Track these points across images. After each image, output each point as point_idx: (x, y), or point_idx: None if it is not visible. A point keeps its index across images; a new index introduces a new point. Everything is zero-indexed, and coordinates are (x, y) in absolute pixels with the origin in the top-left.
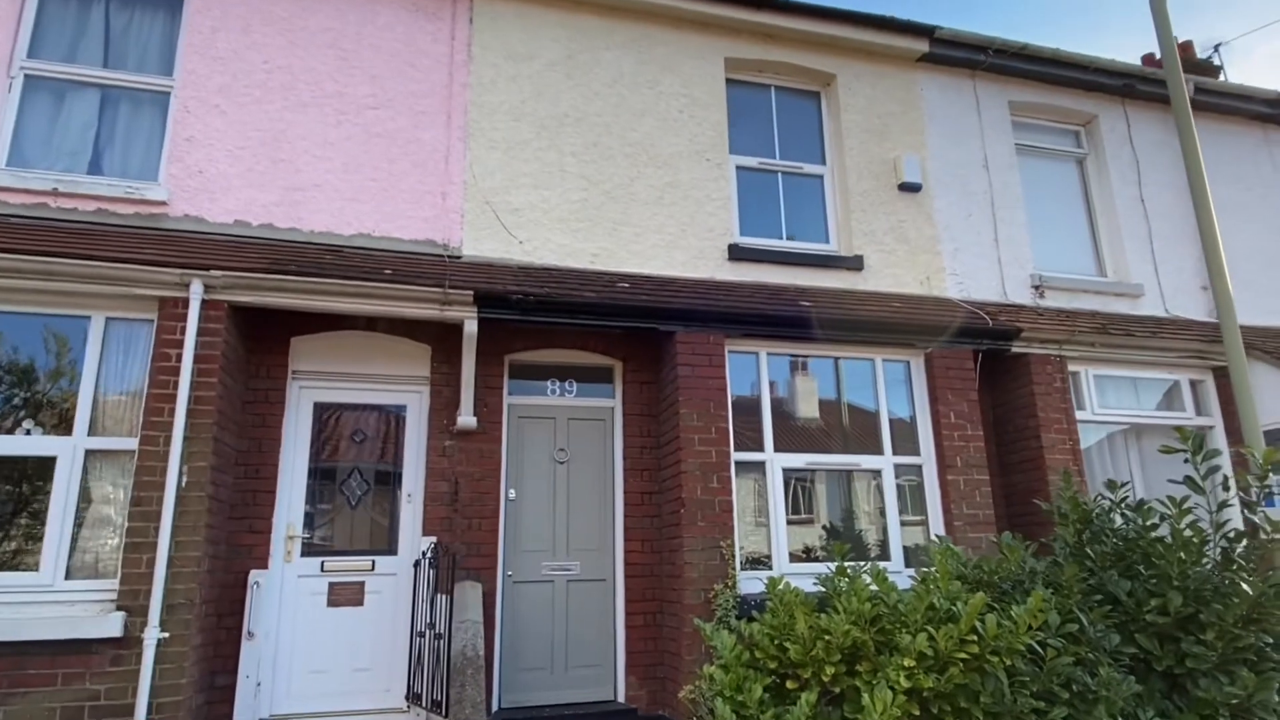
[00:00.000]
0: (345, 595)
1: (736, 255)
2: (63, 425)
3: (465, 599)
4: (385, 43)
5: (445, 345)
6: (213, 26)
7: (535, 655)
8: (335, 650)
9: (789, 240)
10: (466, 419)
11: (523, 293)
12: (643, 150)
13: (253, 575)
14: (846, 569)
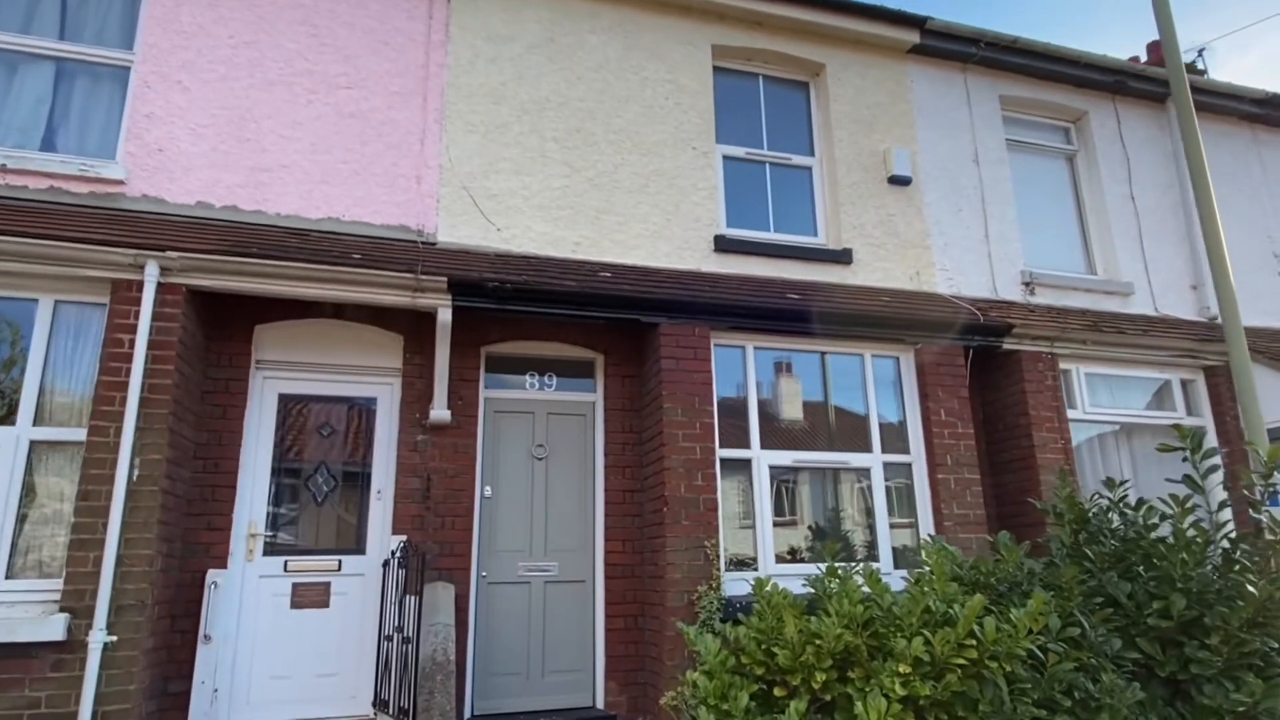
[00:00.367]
0: (310, 597)
1: (723, 247)
2: (6, 414)
3: (436, 601)
4: (359, 20)
5: (418, 335)
6: None
7: (510, 660)
8: (299, 655)
9: (777, 233)
10: (440, 412)
11: (500, 280)
12: (627, 137)
13: (210, 575)
14: (837, 569)
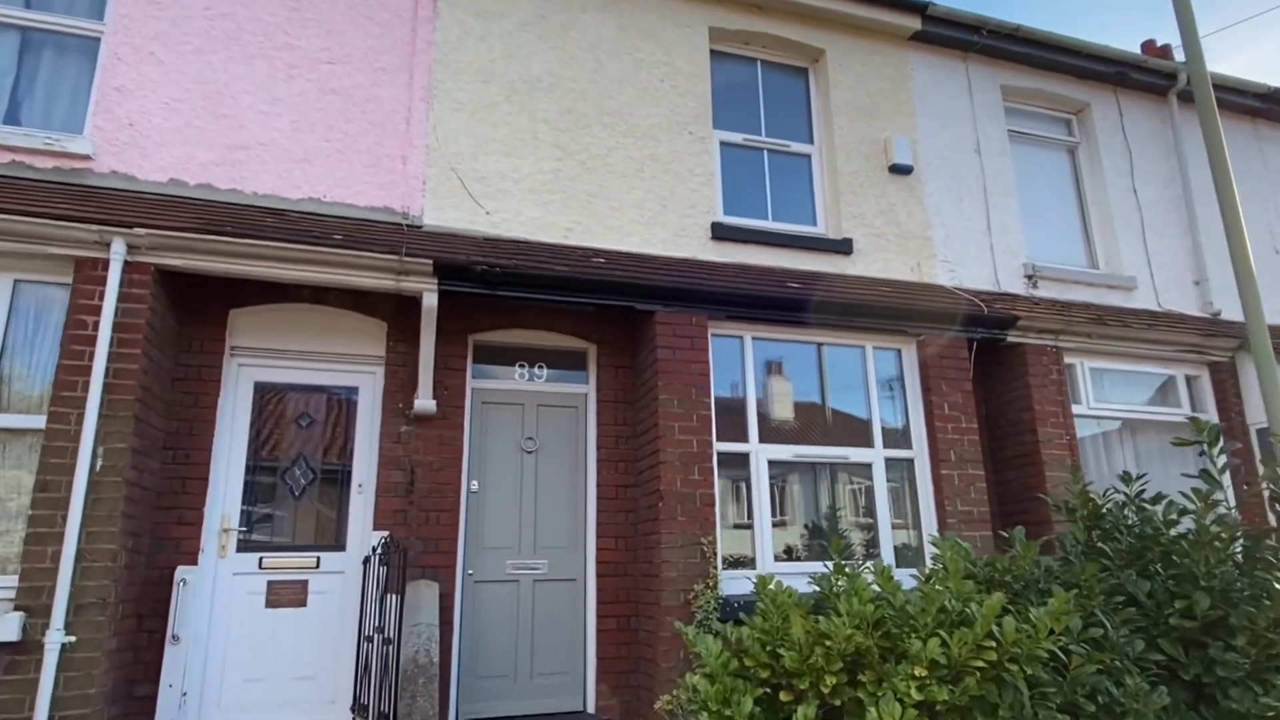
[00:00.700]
0: (286, 595)
1: (720, 234)
2: None
3: (419, 600)
4: None
5: (403, 322)
6: None
7: (497, 662)
8: (274, 656)
9: (775, 221)
10: (425, 402)
11: (488, 264)
12: (621, 120)
13: (180, 572)
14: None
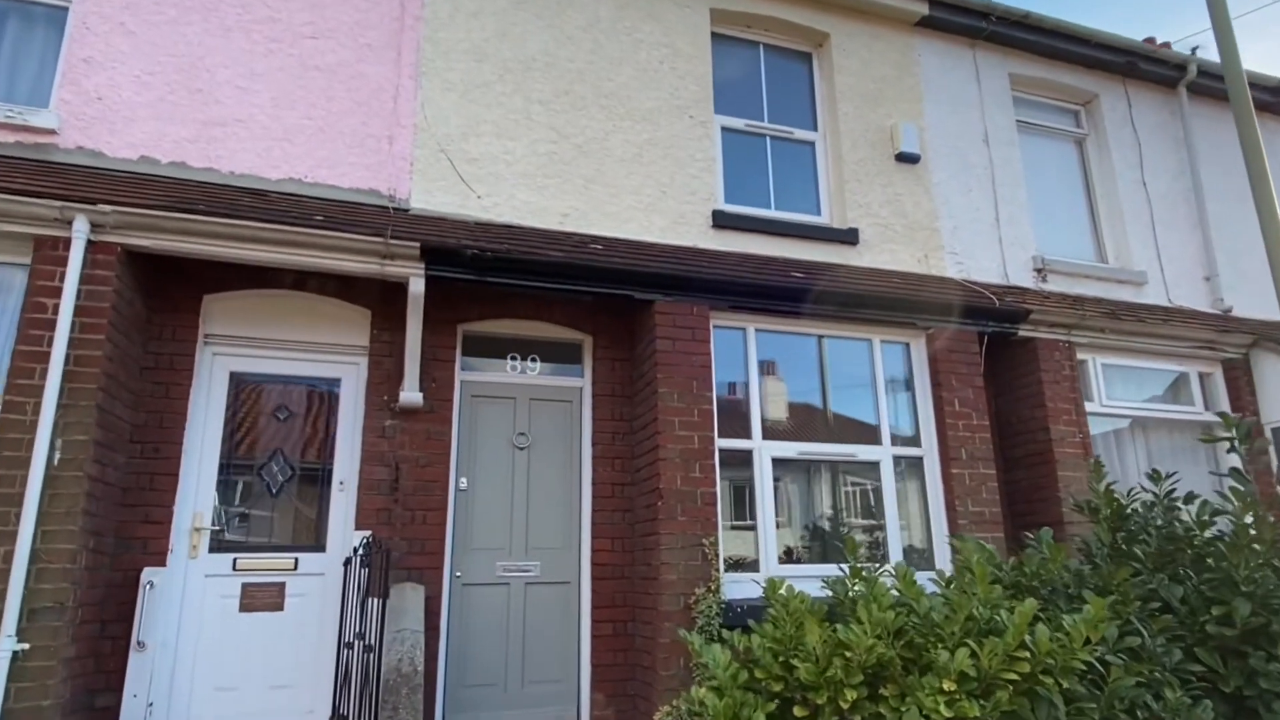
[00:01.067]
0: (262, 599)
1: (721, 223)
2: None
3: (404, 604)
4: None
5: (388, 310)
6: None
7: (486, 669)
8: (248, 663)
9: (778, 210)
10: (411, 395)
11: (479, 248)
12: (619, 102)
13: (146, 574)
14: (861, 570)
